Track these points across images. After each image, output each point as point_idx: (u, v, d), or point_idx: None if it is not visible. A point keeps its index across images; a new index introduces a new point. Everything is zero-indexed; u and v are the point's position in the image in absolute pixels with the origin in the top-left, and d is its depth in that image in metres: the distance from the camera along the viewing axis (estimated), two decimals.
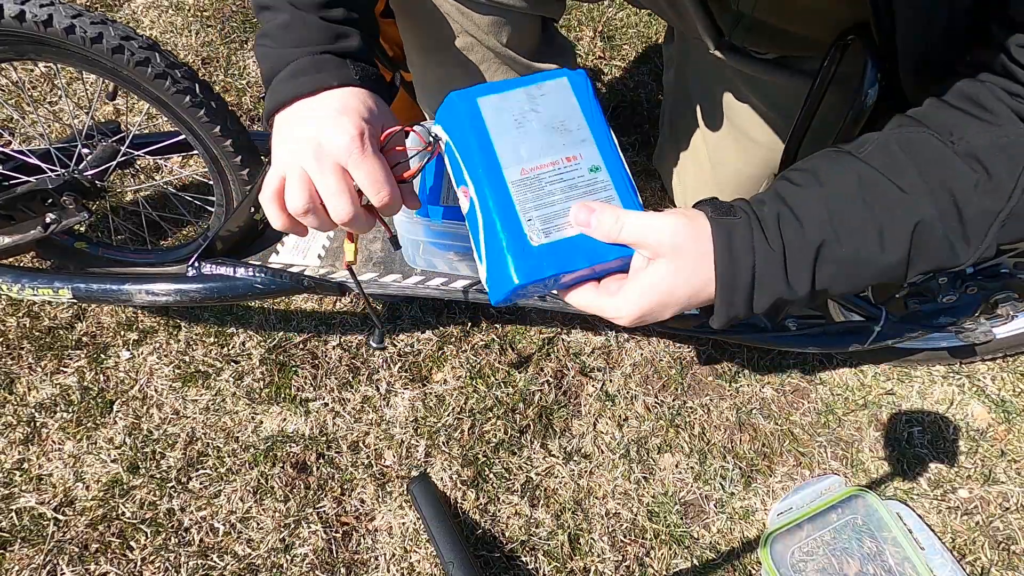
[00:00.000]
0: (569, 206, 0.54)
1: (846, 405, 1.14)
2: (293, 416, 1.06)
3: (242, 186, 0.97)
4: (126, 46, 0.80)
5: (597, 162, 0.58)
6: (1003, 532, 1.03)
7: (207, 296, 0.92)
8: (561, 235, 0.53)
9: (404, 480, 1.02)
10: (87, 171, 0.95)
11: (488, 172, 0.54)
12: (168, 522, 0.97)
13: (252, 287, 0.92)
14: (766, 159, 1.09)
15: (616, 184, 0.56)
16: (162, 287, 0.93)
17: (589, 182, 0.56)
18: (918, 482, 1.07)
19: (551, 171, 0.56)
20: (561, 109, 0.59)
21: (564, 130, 0.58)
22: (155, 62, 0.82)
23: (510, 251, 0.52)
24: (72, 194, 0.93)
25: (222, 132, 0.89)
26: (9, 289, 0.95)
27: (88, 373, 1.08)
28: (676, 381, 1.14)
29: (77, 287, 0.94)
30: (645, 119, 1.46)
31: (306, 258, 0.96)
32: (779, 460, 1.09)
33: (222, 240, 0.92)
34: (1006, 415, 1.13)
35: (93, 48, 0.80)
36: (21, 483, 0.98)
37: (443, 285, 0.94)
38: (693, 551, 1.00)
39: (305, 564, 0.95)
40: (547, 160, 0.56)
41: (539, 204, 0.54)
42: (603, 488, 1.04)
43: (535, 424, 1.08)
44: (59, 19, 0.78)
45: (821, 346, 0.98)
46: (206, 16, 1.53)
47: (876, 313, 0.94)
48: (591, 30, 1.61)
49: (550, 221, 0.53)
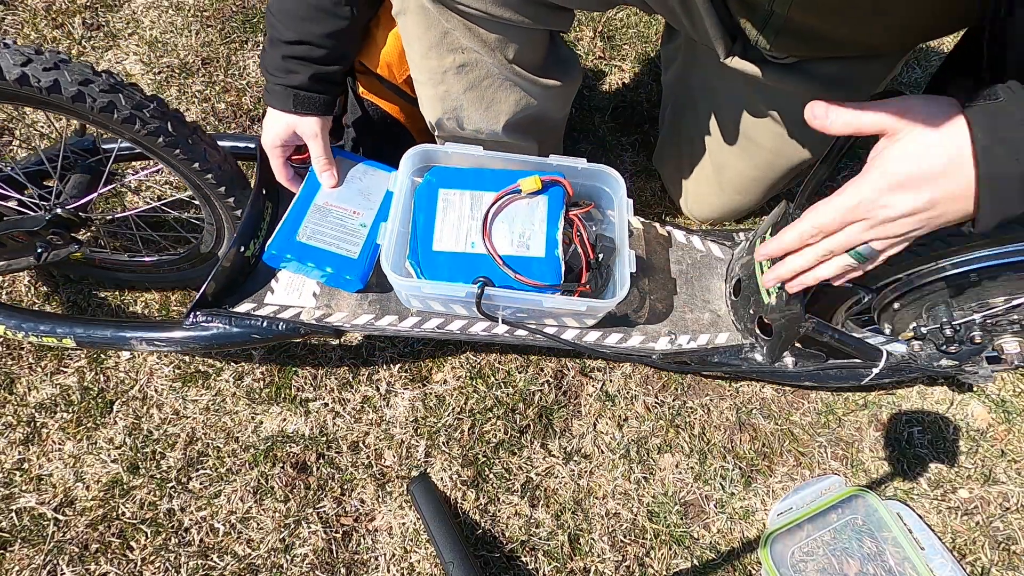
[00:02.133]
0: (333, 233, 0.93)
1: (846, 405, 1.14)
2: (293, 416, 1.06)
3: (229, 211, 0.94)
4: (86, 92, 0.73)
5: (367, 222, 0.96)
6: (1003, 532, 1.03)
7: (207, 345, 0.92)
8: (314, 244, 0.92)
9: (404, 480, 1.02)
10: (68, 204, 0.90)
11: (307, 194, 0.95)
12: (168, 522, 0.97)
13: (250, 336, 0.92)
14: (770, 162, 1.08)
15: (367, 240, 0.94)
16: (163, 336, 0.92)
17: (352, 229, 0.94)
18: (918, 482, 1.07)
19: (337, 213, 0.95)
20: (377, 186, 1.00)
21: (366, 196, 0.98)
22: (120, 105, 0.76)
23: (278, 234, 0.92)
24: (58, 231, 0.91)
25: (202, 167, 0.86)
26: (14, 335, 0.95)
27: (88, 373, 1.08)
28: (676, 381, 1.14)
29: (79, 336, 0.94)
30: (645, 119, 1.46)
31: (301, 298, 0.95)
32: (779, 460, 1.09)
33: (215, 281, 0.90)
34: (1006, 415, 1.13)
35: (52, 97, 0.73)
36: (21, 483, 0.98)
37: (439, 328, 0.94)
38: (693, 551, 1.00)
39: (305, 564, 0.95)
40: (340, 204, 0.96)
41: (318, 223, 0.93)
42: (603, 488, 1.04)
43: (535, 424, 1.08)
44: (8, 69, 0.70)
45: (818, 382, 0.97)
46: (206, 16, 1.53)
47: (877, 355, 0.93)
48: (591, 30, 1.61)
49: (316, 234, 0.92)
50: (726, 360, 0.96)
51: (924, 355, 0.94)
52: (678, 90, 1.21)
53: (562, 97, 1.04)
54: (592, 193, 0.98)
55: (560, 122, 1.14)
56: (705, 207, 1.22)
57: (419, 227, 0.90)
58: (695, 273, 1.03)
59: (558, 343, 0.93)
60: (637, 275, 0.98)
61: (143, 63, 1.43)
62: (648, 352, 0.95)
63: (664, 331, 0.96)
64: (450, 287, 0.83)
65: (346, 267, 0.91)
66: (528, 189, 0.90)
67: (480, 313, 0.85)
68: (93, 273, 1.13)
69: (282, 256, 0.91)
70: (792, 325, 0.85)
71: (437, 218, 0.90)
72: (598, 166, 0.94)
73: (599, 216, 0.97)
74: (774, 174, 1.10)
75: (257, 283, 0.96)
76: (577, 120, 1.46)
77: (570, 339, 0.94)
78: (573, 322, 0.95)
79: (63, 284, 1.16)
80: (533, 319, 0.94)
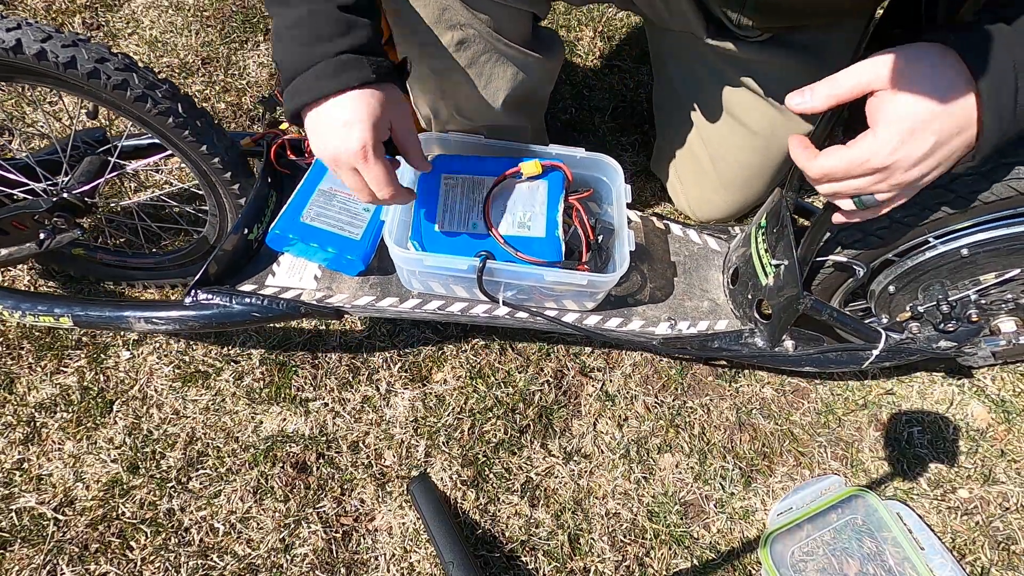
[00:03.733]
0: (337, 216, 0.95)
1: (846, 405, 1.14)
2: (293, 416, 1.06)
3: (234, 199, 0.95)
4: (101, 69, 0.76)
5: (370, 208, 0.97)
6: (1003, 532, 1.03)
7: (206, 324, 0.92)
8: (317, 225, 0.93)
9: (404, 480, 1.02)
10: (75, 188, 0.92)
11: (312, 179, 0.98)
12: (168, 522, 0.97)
13: (250, 315, 0.92)
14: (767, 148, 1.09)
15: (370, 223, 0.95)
16: (162, 315, 0.92)
17: (355, 212, 0.96)
18: (918, 482, 1.07)
19: (342, 198, 0.96)
20: None
21: None
22: (133, 84, 0.78)
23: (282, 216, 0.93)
24: (62, 215, 0.92)
25: (209, 150, 0.87)
26: (11, 315, 0.95)
27: (88, 373, 1.08)
28: (676, 381, 1.14)
29: (77, 315, 0.94)
30: (645, 119, 1.46)
31: (302, 280, 0.95)
32: (779, 460, 1.09)
33: (217, 262, 0.91)
34: (1006, 415, 1.13)
35: (67, 73, 0.76)
36: (21, 483, 0.98)
37: (440, 309, 0.95)
38: (693, 551, 1.00)
39: (305, 564, 0.95)
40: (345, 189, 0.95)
41: (323, 206, 0.95)
42: (603, 488, 1.04)
43: (535, 424, 1.08)
44: (28, 44, 0.73)
45: (818, 367, 0.97)
46: (206, 16, 1.53)
47: (876, 337, 0.93)
48: (591, 30, 1.62)
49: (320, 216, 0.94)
50: (726, 346, 0.97)
51: (923, 337, 0.95)
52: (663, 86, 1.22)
53: (549, 71, 1.08)
54: (591, 182, 1.01)
55: (544, 101, 1.17)
56: (707, 207, 1.22)
57: (422, 209, 0.92)
58: (692, 264, 1.05)
59: (559, 326, 0.94)
60: (636, 253, 1.01)
61: (143, 63, 1.43)
62: (649, 336, 0.96)
63: (664, 316, 0.98)
64: (452, 260, 0.85)
65: (348, 247, 0.92)
66: (529, 173, 0.92)
67: (481, 290, 0.86)
68: (95, 270, 1.13)
69: (285, 236, 0.92)
70: (791, 304, 0.86)
71: (440, 201, 0.92)
72: (596, 155, 0.97)
73: (597, 207, 1.00)
74: (771, 161, 1.11)
75: (259, 267, 0.97)
76: (577, 120, 1.46)
77: (571, 323, 0.95)
78: (573, 305, 0.96)
79: (64, 283, 1.16)
80: (534, 302, 0.95)
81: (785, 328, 0.92)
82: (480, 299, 0.93)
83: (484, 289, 0.86)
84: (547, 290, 0.91)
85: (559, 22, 1.64)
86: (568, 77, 1.53)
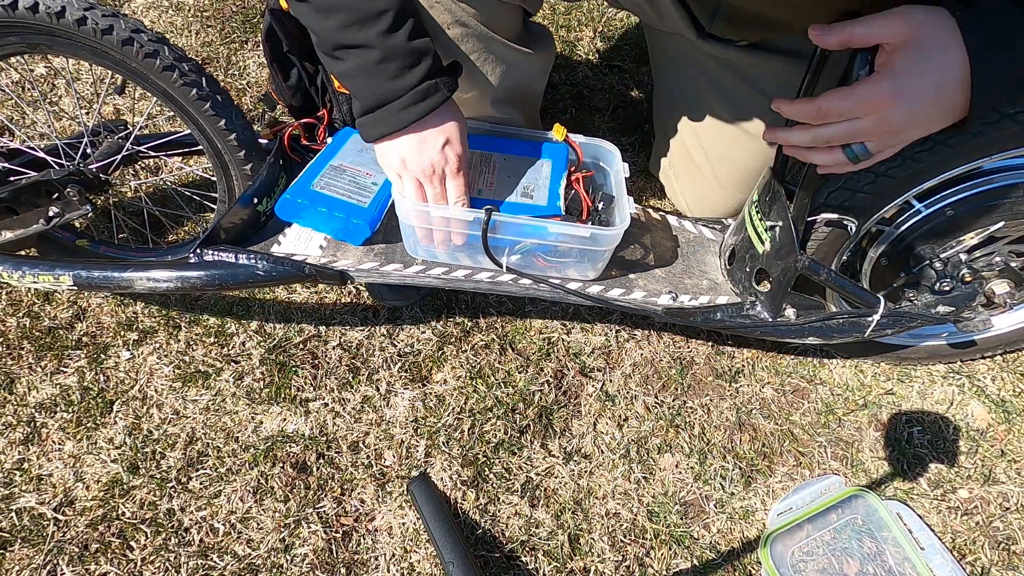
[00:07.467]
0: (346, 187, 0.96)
1: (846, 405, 1.14)
2: (293, 416, 1.06)
3: (245, 181, 0.97)
4: (136, 38, 0.82)
5: (378, 181, 0.98)
6: (1003, 532, 1.03)
7: (208, 283, 0.92)
8: (327, 192, 0.95)
9: (404, 480, 1.02)
10: (92, 164, 0.96)
11: (324, 157, 1.00)
12: (168, 522, 0.97)
13: (254, 274, 0.92)
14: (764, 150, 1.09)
15: (378, 195, 0.97)
16: (163, 274, 0.92)
17: (364, 185, 0.97)
18: (918, 482, 1.07)
19: (352, 172, 0.98)
20: None
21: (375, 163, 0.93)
22: (163, 55, 0.84)
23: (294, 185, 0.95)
24: (76, 186, 0.94)
25: (227, 126, 0.91)
26: (10, 276, 0.95)
27: (88, 373, 1.08)
28: (676, 381, 1.14)
29: (78, 274, 0.93)
30: (645, 119, 1.46)
31: (308, 248, 0.96)
32: (779, 460, 1.09)
33: (225, 231, 0.93)
34: (1006, 415, 1.13)
35: (104, 40, 0.81)
36: (21, 483, 0.98)
37: (444, 274, 0.95)
38: (693, 551, 1.00)
39: (305, 564, 0.95)
40: (355, 166, 0.99)
41: (333, 178, 0.97)
42: (603, 488, 1.04)
43: (535, 424, 1.08)
44: (71, 11, 0.80)
45: (821, 336, 0.98)
46: (206, 16, 1.53)
47: (875, 302, 0.94)
48: (591, 30, 1.62)
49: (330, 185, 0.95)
50: (729, 317, 0.98)
51: (921, 303, 0.98)
52: (663, 93, 1.23)
53: (542, 66, 1.10)
54: (590, 167, 1.04)
55: (539, 95, 1.19)
56: (706, 208, 1.22)
57: None
58: (690, 250, 1.08)
59: (562, 292, 0.95)
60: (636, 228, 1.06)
61: None
62: (652, 305, 0.98)
63: (665, 289, 1.00)
64: (458, 210, 0.86)
65: (356, 212, 0.94)
66: (557, 137, 0.99)
67: (484, 247, 0.87)
68: None
69: (295, 201, 0.94)
70: (789, 266, 0.89)
71: None
72: (595, 140, 1.01)
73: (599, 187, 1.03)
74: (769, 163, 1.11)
75: (265, 236, 0.98)
76: (577, 120, 1.46)
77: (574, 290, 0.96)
78: (576, 274, 0.97)
79: None
80: (537, 269, 0.97)
81: (785, 293, 0.94)
82: (484, 266, 0.94)
83: (488, 247, 0.87)
84: (550, 249, 0.92)
85: (559, 22, 1.64)
86: (568, 77, 1.53)
